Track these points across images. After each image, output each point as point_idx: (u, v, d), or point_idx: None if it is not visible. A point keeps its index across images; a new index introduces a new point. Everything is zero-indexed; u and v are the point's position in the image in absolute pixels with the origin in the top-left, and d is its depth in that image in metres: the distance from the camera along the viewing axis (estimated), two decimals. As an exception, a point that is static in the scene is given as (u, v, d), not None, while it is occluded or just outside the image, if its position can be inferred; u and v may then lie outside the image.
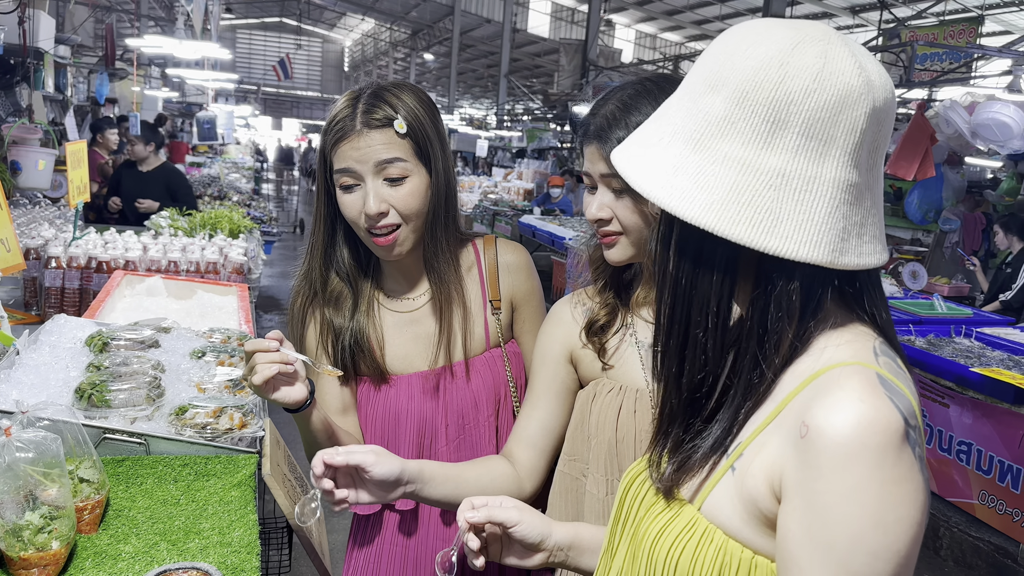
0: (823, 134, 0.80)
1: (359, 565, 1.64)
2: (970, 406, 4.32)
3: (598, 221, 1.32)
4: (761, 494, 0.82)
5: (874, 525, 0.73)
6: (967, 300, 7.33)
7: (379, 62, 43.16)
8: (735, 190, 0.80)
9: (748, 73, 0.81)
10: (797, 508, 0.77)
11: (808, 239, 0.79)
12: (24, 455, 1.23)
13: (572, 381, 1.48)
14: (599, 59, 16.76)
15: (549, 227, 9.18)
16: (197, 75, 13.28)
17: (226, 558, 1.34)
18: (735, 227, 0.79)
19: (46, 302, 3.16)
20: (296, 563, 3.48)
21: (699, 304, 0.86)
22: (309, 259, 1.59)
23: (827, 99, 0.79)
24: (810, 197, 0.80)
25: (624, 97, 1.30)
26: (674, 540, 0.87)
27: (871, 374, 0.79)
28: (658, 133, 0.88)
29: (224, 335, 2.29)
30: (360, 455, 1.21)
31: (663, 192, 0.83)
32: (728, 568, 0.83)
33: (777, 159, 0.80)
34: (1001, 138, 6.10)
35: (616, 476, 1.37)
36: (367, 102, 1.46)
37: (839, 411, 0.75)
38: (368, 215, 1.44)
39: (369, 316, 1.58)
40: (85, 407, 1.70)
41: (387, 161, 1.44)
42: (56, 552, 1.24)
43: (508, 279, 1.65)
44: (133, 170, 6.37)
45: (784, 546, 0.79)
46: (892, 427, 0.74)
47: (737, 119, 0.81)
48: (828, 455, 0.74)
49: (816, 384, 0.81)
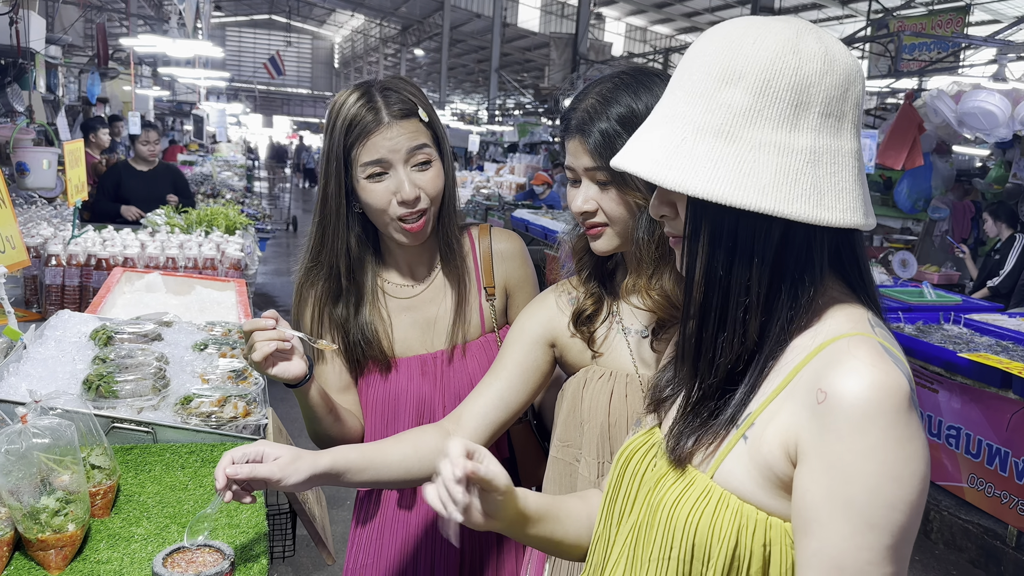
0: (838, 110, 0.88)
1: (362, 542, 1.70)
2: (959, 391, 4.39)
3: (583, 214, 1.35)
4: (776, 459, 0.88)
5: (891, 479, 0.81)
6: (957, 288, 7.40)
7: (369, 58, 43.10)
8: (780, 172, 0.86)
9: (765, 63, 0.87)
10: (815, 469, 0.84)
11: (847, 207, 0.88)
12: (40, 441, 1.28)
13: (544, 364, 1.49)
14: (589, 53, 16.81)
15: (542, 221, 9.24)
16: (188, 73, 13.28)
17: (235, 539, 1.39)
18: (791, 206, 0.86)
19: (47, 299, 3.20)
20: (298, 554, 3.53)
21: (736, 289, 0.91)
22: (316, 252, 1.63)
23: (838, 78, 0.88)
24: (839, 168, 0.88)
25: (603, 91, 1.33)
26: (692, 507, 0.93)
27: (875, 343, 0.86)
28: (679, 133, 0.91)
29: (225, 328, 2.34)
30: (266, 471, 1.18)
31: (712, 186, 0.87)
32: (745, 529, 0.89)
33: (805, 138, 0.87)
34: (987, 126, 6.17)
35: (607, 459, 1.41)
36: (385, 96, 1.53)
37: (855, 377, 0.82)
38: (405, 200, 1.51)
39: (374, 305, 1.64)
40: (93, 398, 1.75)
41: (417, 148, 1.52)
42: (72, 534, 1.28)
43: (502, 266, 1.70)
44: (133, 170, 6.27)
45: (802, 504, 0.85)
46: (902, 391, 0.82)
47: (763, 106, 0.87)
48: (847, 418, 0.82)
49: (824, 354, 0.88)
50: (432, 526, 1.66)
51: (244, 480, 1.17)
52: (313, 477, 1.22)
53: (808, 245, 0.90)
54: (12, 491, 1.25)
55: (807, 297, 0.91)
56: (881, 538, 0.81)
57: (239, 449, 1.19)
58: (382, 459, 1.33)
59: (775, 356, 0.93)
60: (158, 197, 5.98)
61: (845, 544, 0.82)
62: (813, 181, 0.87)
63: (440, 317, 1.67)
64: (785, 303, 0.91)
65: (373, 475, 1.32)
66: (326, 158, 1.57)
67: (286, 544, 2.03)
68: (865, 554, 0.81)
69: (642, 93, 1.31)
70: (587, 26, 16.92)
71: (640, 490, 1.03)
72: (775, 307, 0.92)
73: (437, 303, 1.67)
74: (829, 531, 0.82)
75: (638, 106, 1.30)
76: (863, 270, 0.98)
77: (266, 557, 1.35)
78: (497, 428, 1.46)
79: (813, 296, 0.92)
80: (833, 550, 0.82)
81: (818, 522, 0.83)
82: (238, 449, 1.19)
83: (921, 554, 4.28)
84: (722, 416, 0.95)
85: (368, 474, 1.31)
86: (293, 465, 1.20)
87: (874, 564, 0.81)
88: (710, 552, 0.91)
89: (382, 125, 1.51)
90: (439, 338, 1.66)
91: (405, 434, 1.42)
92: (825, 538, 0.83)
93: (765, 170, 0.86)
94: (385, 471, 1.33)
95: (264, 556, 1.35)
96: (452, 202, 1.64)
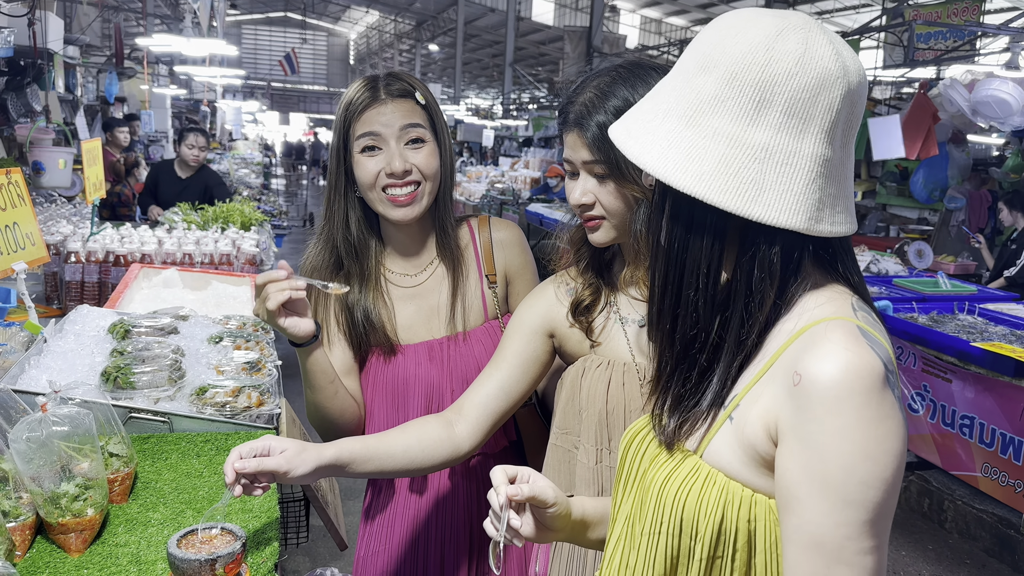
0: (803, 112, 0.89)
1: (373, 530, 1.74)
2: (972, 380, 4.38)
3: (581, 206, 1.38)
4: (759, 439, 0.92)
5: (864, 457, 0.83)
6: (973, 278, 7.35)
7: (384, 54, 43.18)
8: (723, 162, 0.89)
9: (737, 56, 0.90)
10: (793, 449, 0.87)
11: (788, 208, 0.89)
12: (60, 429, 1.33)
13: (544, 354, 1.52)
14: (604, 46, 16.77)
15: (556, 215, 9.27)
16: (205, 72, 13.38)
17: (248, 523, 1.44)
18: (723, 196, 0.88)
19: (67, 295, 3.27)
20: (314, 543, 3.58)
21: (691, 267, 0.95)
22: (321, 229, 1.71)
23: (807, 81, 0.88)
24: (791, 170, 0.89)
25: (601, 84, 1.36)
26: (680, 484, 0.97)
27: (852, 326, 0.89)
28: (654, 111, 0.96)
29: (240, 321, 2.39)
30: (272, 463, 1.21)
31: (659, 163, 0.91)
32: (731, 505, 0.93)
33: (762, 134, 0.89)
34: (1001, 115, 6.13)
35: (606, 446, 1.44)
36: (386, 80, 1.63)
37: (827, 360, 0.85)
38: (393, 173, 1.57)
39: (377, 291, 1.68)
40: (111, 389, 1.80)
41: (411, 125, 1.60)
42: (91, 518, 1.33)
43: (502, 254, 1.75)
44: (172, 174, 6.18)
45: (783, 483, 0.88)
46: (875, 372, 0.84)
47: (727, 97, 0.90)
48: (820, 399, 0.84)
49: (803, 339, 0.90)
50: (441, 514, 1.69)
51: (252, 473, 1.20)
52: (319, 468, 1.27)
53: (764, 236, 0.92)
54: (34, 477, 1.31)
55: (763, 291, 0.93)
56: (858, 514, 0.84)
57: (246, 444, 1.23)
58: (386, 450, 1.38)
59: (747, 339, 0.95)
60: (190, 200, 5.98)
61: (823, 521, 0.85)
62: (755, 177, 0.88)
63: (443, 305, 1.71)
64: (740, 290, 0.94)
65: (377, 465, 1.37)
66: (334, 136, 1.65)
67: (300, 532, 2.08)
68: (843, 530, 0.84)
69: (639, 86, 1.34)
70: (601, 19, 16.89)
71: (637, 471, 1.07)
72: (729, 295, 0.95)
73: (440, 291, 1.71)
74: (808, 508, 0.86)
75: (635, 99, 1.32)
76: (842, 257, 0.99)
77: (278, 540, 1.40)
78: (499, 417, 1.50)
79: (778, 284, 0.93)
80: (812, 526, 0.85)
81: (797, 500, 0.86)
82: (245, 445, 1.23)
83: (935, 543, 4.28)
84: (704, 398, 0.98)
85: (372, 464, 1.36)
86: (299, 457, 1.24)
87: (852, 539, 0.84)
88: (697, 527, 0.94)
89: (378, 101, 1.59)
90: (444, 325, 1.71)
91: (409, 425, 1.46)
92: (804, 515, 0.86)
93: (710, 158, 0.89)
94: (389, 461, 1.37)
95: (276, 539, 1.40)
96: (448, 189, 1.69)
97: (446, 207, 1.70)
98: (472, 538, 1.72)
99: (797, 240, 0.92)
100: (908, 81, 10.28)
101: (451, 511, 1.70)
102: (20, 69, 6.66)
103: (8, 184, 2.03)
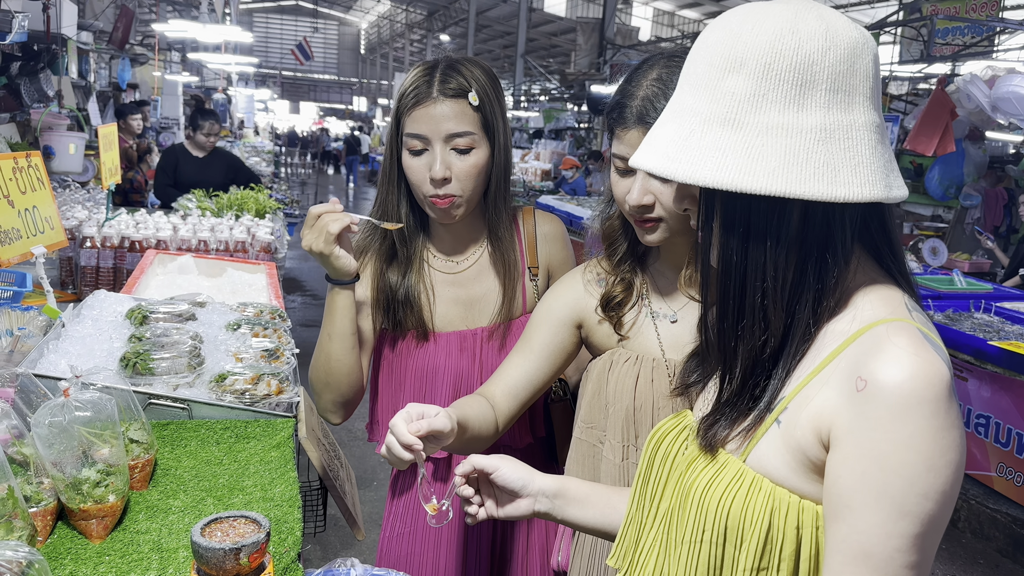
0: (846, 85, 0.87)
1: (398, 513, 1.73)
2: (988, 379, 4.34)
3: (641, 207, 1.33)
4: (809, 443, 0.88)
5: (927, 469, 0.80)
6: (988, 276, 7.30)
7: (395, 44, 43.12)
8: (788, 153, 0.86)
9: (765, 47, 0.87)
10: (850, 456, 0.84)
11: (864, 180, 0.87)
12: (82, 414, 1.32)
13: (571, 345, 1.51)
14: (616, 37, 16.69)
15: (567, 207, 9.23)
16: (217, 59, 13.38)
17: (270, 511, 1.43)
18: (803, 186, 0.85)
19: (82, 281, 3.27)
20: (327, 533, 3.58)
21: (753, 274, 0.91)
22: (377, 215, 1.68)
23: (842, 53, 0.87)
24: (853, 143, 0.87)
25: (662, 77, 1.31)
26: (724, 490, 0.94)
27: (915, 330, 0.86)
28: (686, 127, 0.91)
29: (257, 309, 2.37)
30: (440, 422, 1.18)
31: (720, 174, 0.87)
32: (778, 512, 0.90)
33: (813, 117, 0.86)
34: (1021, 112, 6.06)
35: (632, 443, 1.42)
36: (443, 73, 1.56)
37: (895, 366, 0.82)
38: (433, 179, 1.54)
39: (420, 274, 1.67)
40: (130, 375, 1.79)
41: (457, 134, 1.55)
42: (113, 504, 1.32)
43: (545, 248, 1.74)
44: (189, 155, 6.28)
45: (834, 489, 0.85)
46: (943, 380, 0.82)
47: (766, 90, 0.87)
48: (887, 407, 0.81)
49: (863, 341, 0.87)
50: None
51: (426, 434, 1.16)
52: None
53: (829, 224, 0.89)
54: (55, 462, 1.29)
55: (833, 278, 0.91)
56: (911, 527, 0.81)
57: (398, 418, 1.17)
58: (470, 413, 1.36)
59: (807, 339, 0.92)
60: (211, 182, 5.98)
61: (875, 531, 0.82)
62: (826, 159, 0.86)
63: (484, 295, 1.70)
64: (810, 284, 0.91)
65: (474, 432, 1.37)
66: (391, 123, 1.63)
67: (317, 521, 2.07)
68: (894, 541, 0.82)
69: None
70: (614, 10, 16.79)
71: (672, 473, 1.04)
72: (799, 290, 0.91)
73: (481, 281, 1.70)
74: (860, 518, 0.83)
75: None
76: (895, 249, 0.97)
77: (300, 529, 1.38)
78: (523, 405, 1.50)
79: (839, 276, 0.91)
80: (862, 536, 0.83)
81: (849, 508, 0.84)
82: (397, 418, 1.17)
83: (948, 543, 4.25)
84: (758, 403, 0.95)
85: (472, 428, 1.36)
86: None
87: (902, 551, 0.82)
88: (743, 535, 0.91)
89: (429, 99, 1.54)
90: (481, 316, 1.69)
91: (464, 399, 1.44)
92: (855, 524, 0.83)
93: (773, 153, 0.86)
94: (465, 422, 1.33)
95: (298, 528, 1.38)
96: (501, 184, 1.65)
97: (497, 205, 1.66)
98: (495, 532, 1.72)
99: (855, 215, 0.91)
100: (925, 77, 10.19)
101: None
102: (34, 54, 6.66)
103: (28, 167, 2.02)
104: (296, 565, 1.29)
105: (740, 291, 0.93)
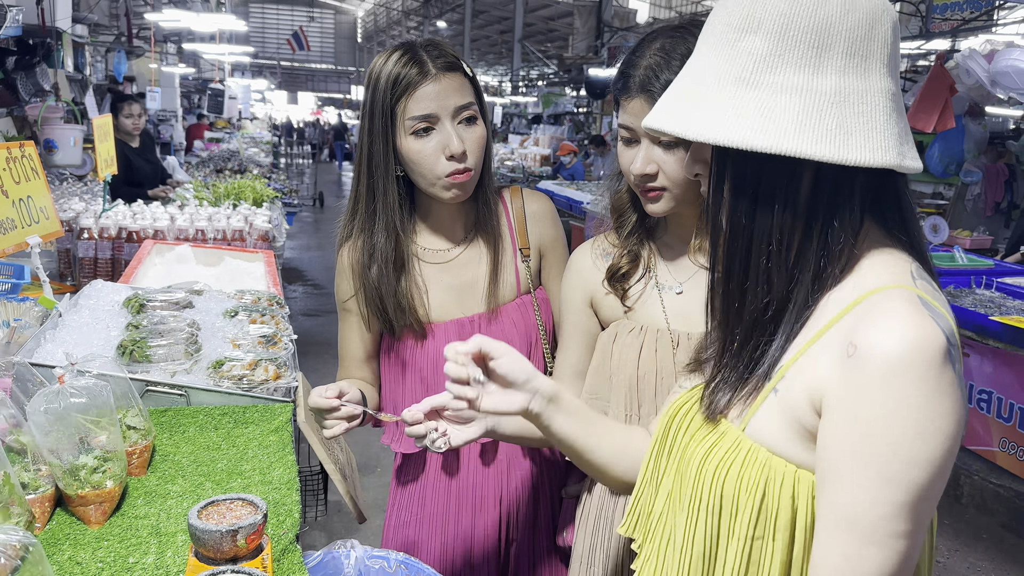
0: (864, 50, 0.87)
1: (404, 500, 1.73)
2: (990, 355, 4.34)
3: (644, 176, 1.33)
4: (803, 411, 0.88)
5: (915, 435, 0.79)
6: (989, 252, 7.28)
7: (392, 31, 42.92)
8: (803, 112, 0.85)
9: (783, 8, 0.86)
10: (838, 421, 0.83)
11: (878, 146, 0.86)
12: (77, 401, 1.31)
13: (593, 325, 1.54)
14: (614, 20, 16.59)
15: (567, 192, 9.22)
16: (213, 49, 13.32)
17: (268, 495, 1.43)
18: (814, 146, 0.84)
19: (80, 272, 3.27)
20: (330, 519, 3.59)
21: (760, 236, 0.91)
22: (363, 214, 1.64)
23: (861, 17, 0.86)
24: (868, 108, 0.86)
25: (665, 46, 1.31)
26: (720, 459, 0.94)
27: (912, 295, 0.85)
28: (700, 84, 0.91)
29: (254, 296, 2.37)
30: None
31: (732, 132, 0.86)
32: (772, 482, 0.89)
33: (829, 80, 0.86)
34: (1020, 86, 6.02)
35: (635, 412, 1.43)
36: (430, 51, 1.53)
37: (886, 331, 0.81)
38: (454, 155, 1.52)
39: (410, 274, 1.65)
40: (127, 362, 1.79)
41: (463, 106, 1.53)
42: (110, 490, 1.32)
43: (535, 227, 1.72)
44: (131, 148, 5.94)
45: (824, 455, 0.85)
46: (936, 345, 0.80)
47: (784, 51, 0.86)
48: (875, 372, 0.80)
49: (861, 307, 0.86)
50: (471, 488, 1.68)
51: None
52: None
53: (838, 190, 0.89)
54: (52, 449, 1.29)
55: (840, 244, 0.90)
56: (898, 494, 0.80)
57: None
58: None
59: (808, 306, 0.92)
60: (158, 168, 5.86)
61: (860, 498, 0.81)
62: (839, 121, 0.85)
63: (477, 280, 1.68)
64: (815, 249, 0.90)
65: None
66: (369, 117, 1.57)
67: (318, 506, 2.08)
68: (879, 509, 0.81)
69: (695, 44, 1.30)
70: (611, -7, 16.70)
71: (679, 445, 1.04)
72: (805, 255, 0.91)
73: (473, 266, 1.68)
74: (846, 484, 0.82)
75: None
76: (907, 216, 0.95)
77: (299, 511, 1.38)
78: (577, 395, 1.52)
79: (845, 243, 0.90)
80: (848, 503, 0.82)
81: (836, 474, 0.83)
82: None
83: (951, 518, 4.26)
84: (758, 370, 0.94)
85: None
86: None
87: (887, 519, 0.81)
88: (738, 504, 0.91)
89: (429, 76, 1.51)
90: (476, 301, 1.67)
91: None
92: (841, 490, 0.83)
93: (787, 112, 0.85)
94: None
95: (297, 510, 1.38)
96: (490, 163, 1.65)
97: (489, 182, 1.66)
98: (501, 512, 1.71)
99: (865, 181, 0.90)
100: (924, 53, 10.13)
101: (481, 486, 1.68)
102: (29, 48, 6.64)
103: (22, 157, 2.01)
104: (294, 547, 1.30)
105: (746, 253, 0.92)
